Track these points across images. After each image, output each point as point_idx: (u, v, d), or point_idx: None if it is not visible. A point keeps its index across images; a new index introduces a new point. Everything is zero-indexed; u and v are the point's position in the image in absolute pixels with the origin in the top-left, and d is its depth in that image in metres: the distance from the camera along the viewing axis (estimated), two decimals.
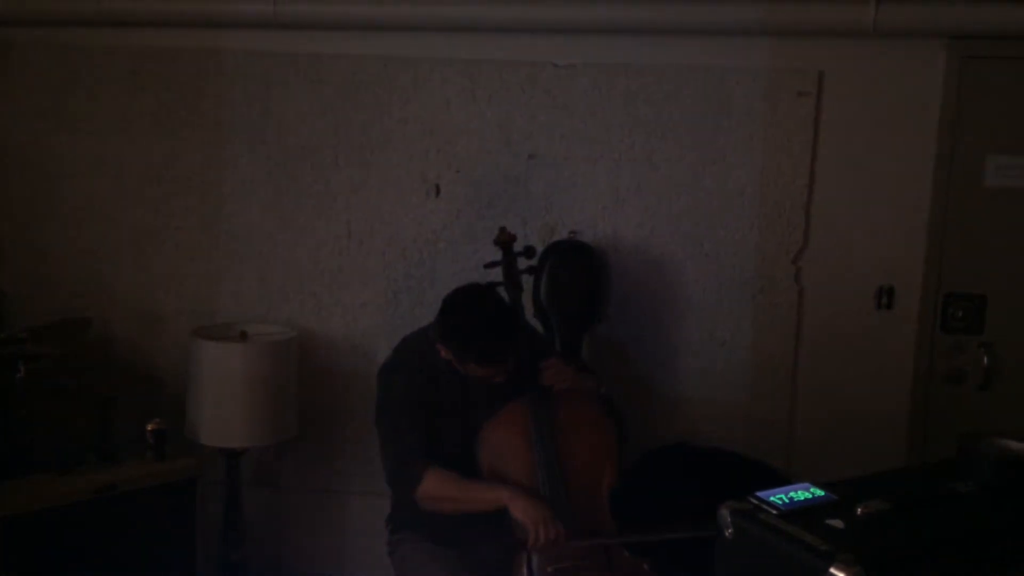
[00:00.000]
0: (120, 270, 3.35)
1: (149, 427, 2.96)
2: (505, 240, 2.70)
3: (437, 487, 2.35)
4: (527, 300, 2.80)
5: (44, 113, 3.31)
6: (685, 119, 3.05)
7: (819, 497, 1.70)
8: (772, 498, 1.68)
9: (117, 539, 2.83)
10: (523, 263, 2.73)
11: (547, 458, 2.38)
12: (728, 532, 1.66)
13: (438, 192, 3.20)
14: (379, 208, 3.22)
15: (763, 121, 3.01)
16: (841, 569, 1.45)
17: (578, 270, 3.01)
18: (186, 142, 3.27)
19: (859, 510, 1.64)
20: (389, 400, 2.49)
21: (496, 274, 2.67)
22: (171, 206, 3.31)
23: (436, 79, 3.15)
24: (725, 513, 1.67)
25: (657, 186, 3.09)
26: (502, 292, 2.58)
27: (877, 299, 3.03)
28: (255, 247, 3.30)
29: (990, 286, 2.99)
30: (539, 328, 2.94)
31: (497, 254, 2.70)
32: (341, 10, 3.11)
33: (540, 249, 2.97)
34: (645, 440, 2.99)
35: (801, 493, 1.71)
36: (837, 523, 1.61)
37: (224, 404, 2.95)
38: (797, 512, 1.64)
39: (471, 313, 2.40)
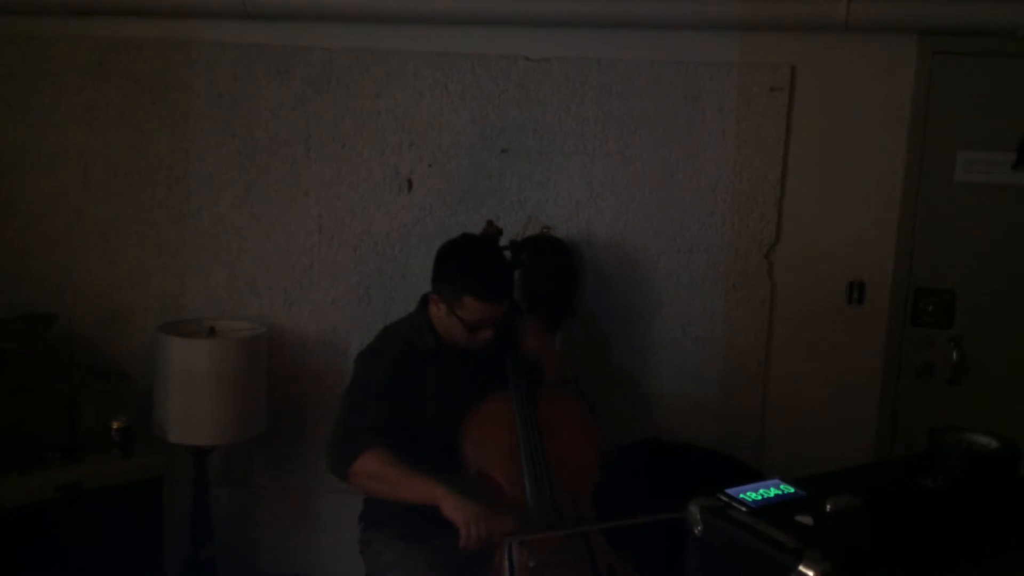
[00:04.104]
0: (85, 264, 3.29)
1: (115, 424, 2.93)
2: (491, 234, 2.69)
3: (374, 466, 2.29)
4: None
5: (7, 104, 3.24)
6: (658, 114, 3.04)
7: (788, 494, 1.70)
8: (742, 495, 1.67)
9: (82, 539, 2.80)
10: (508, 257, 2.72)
11: (532, 452, 2.38)
12: (698, 529, 1.65)
13: (410, 186, 3.17)
14: (350, 202, 3.19)
15: (736, 116, 3.01)
16: (810, 566, 1.45)
17: (551, 265, 3.00)
18: (153, 134, 3.22)
19: (828, 506, 1.63)
20: (365, 379, 2.46)
21: None
22: (137, 200, 3.26)
23: (408, 72, 3.12)
24: (695, 510, 1.66)
25: (630, 181, 3.08)
26: None
27: (848, 294, 3.04)
28: (223, 242, 3.25)
29: (960, 281, 3.00)
30: None
31: None
32: (312, 1, 3.06)
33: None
34: (618, 435, 2.99)
35: (771, 490, 1.70)
36: (806, 519, 1.60)
37: (192, 401, 2.92)
38: (767, 509, 1.64)
39: (468, 247, 2.52)
